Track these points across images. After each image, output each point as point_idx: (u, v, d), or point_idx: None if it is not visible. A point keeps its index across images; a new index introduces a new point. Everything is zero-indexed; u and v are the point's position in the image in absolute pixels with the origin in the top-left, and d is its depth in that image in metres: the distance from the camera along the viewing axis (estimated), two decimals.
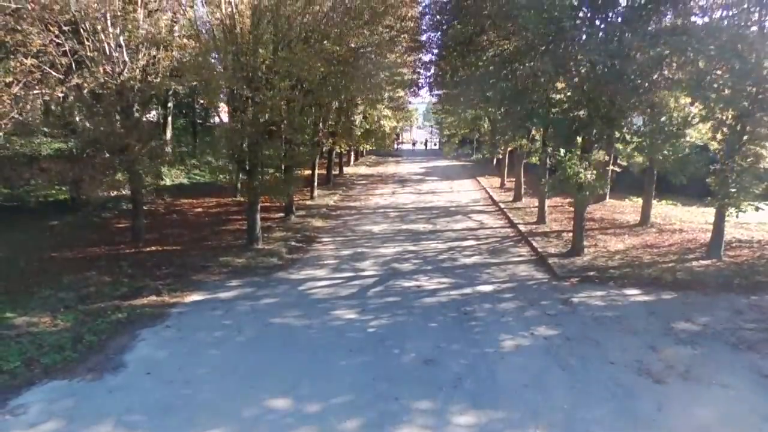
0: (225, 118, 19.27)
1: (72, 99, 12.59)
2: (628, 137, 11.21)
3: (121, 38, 13.90)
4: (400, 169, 48.63)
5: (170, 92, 16.79)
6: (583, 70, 10.54)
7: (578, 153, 13.46)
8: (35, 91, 13.31)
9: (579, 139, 11.46)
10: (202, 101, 29.87)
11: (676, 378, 8.62)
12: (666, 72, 10.75)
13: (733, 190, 13.92)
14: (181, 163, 35.44)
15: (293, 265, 15.88)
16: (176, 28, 15.47)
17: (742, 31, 11.03)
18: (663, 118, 10.99)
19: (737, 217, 14.98)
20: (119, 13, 12.22)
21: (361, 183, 37.14)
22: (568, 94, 10.68)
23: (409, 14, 16.81)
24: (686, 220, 21.55)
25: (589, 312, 11.92)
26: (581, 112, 10.99)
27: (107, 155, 12.78)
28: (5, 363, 8.95)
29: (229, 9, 13.84)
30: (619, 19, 10.24)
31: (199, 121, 40.43)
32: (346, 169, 42.43)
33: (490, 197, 29.03)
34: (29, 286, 13.37)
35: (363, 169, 46.66)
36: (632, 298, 12.96)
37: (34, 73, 12.46)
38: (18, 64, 12.13)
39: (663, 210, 23.70)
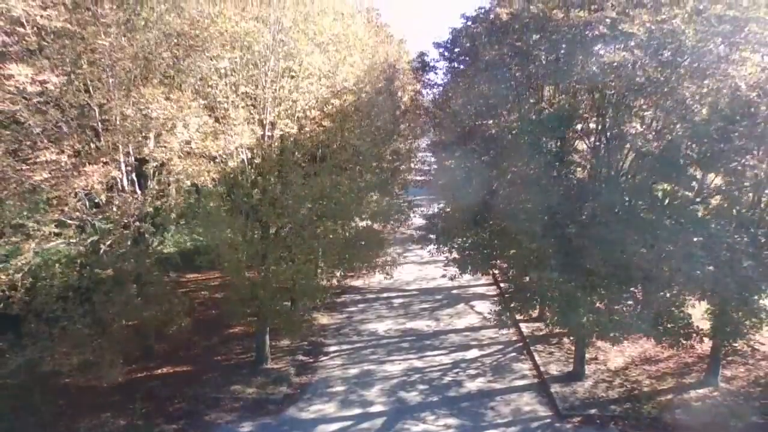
0: None
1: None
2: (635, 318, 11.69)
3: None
4: None
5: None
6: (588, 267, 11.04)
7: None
8: (51, 243, 13.71)
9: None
10: None
11: None
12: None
13: (729, 330, 14.40)
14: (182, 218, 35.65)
15: (302, 395, 16.26)
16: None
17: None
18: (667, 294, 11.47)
19: (734, 354, 15.45)
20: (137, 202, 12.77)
21: None
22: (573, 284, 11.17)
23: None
24: None
25: None
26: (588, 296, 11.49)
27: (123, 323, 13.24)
28: None
29: (240, 163, 14.27)
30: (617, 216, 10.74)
31: None
32: None
33: (492, 273, 29.40)
34: None
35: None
36: None
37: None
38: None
39: None
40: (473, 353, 19.25)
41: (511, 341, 20.38)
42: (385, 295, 25.88)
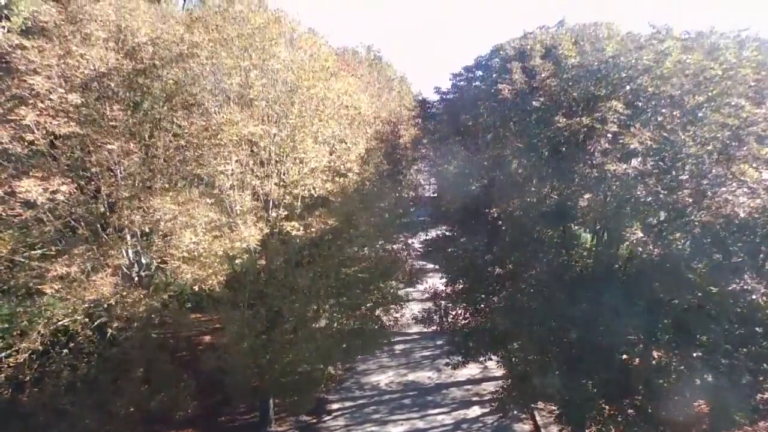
0: None
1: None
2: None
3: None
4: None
5: None
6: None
7: None
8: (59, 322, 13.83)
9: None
10: None
11: None
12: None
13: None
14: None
15: None
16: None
17: None
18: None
19: None
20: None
21: None
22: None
23: None
24: None
25: None
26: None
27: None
28: None
29: (245, 245, 14.38)
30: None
31: None
32: None
33: None
34: None
35: None
36: None
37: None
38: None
39: None
40: (475, 411, 19.42)
41: (512, 395, 20.50)
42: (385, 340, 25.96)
